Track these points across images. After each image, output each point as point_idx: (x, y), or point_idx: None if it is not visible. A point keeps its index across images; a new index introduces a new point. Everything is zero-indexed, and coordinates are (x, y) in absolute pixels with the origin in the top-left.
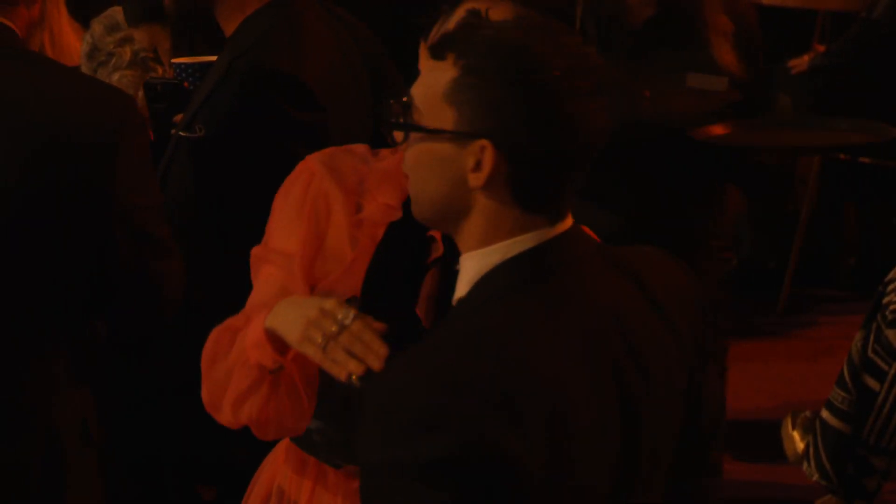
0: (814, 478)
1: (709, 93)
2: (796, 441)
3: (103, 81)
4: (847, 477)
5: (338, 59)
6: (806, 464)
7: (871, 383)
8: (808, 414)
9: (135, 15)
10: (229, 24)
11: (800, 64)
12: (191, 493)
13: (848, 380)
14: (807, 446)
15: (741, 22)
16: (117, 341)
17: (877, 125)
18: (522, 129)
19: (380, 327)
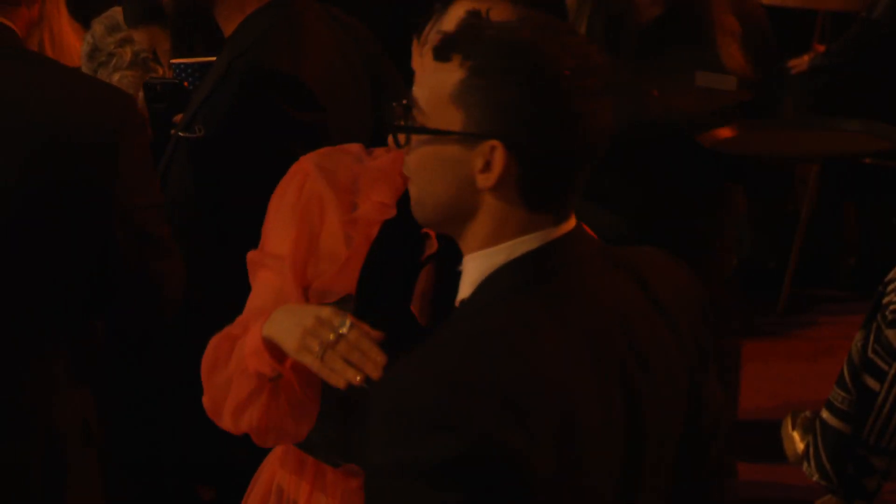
0: (814, 478)
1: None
2: (796, 441)
3: (104, 81)
4: (847, 477)
5: (337, 59)
6: (806, 464)
7: (871, 383)
8: (808, 414)
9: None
10: (229, 24)
11: (800, 64)
12: (190, 494)
13: (848, 380)
14: (807, 446)
15: (749, 22)
16: (117, 341)
17: (885, 127)
18: (533, 128)
19: (377, 335)
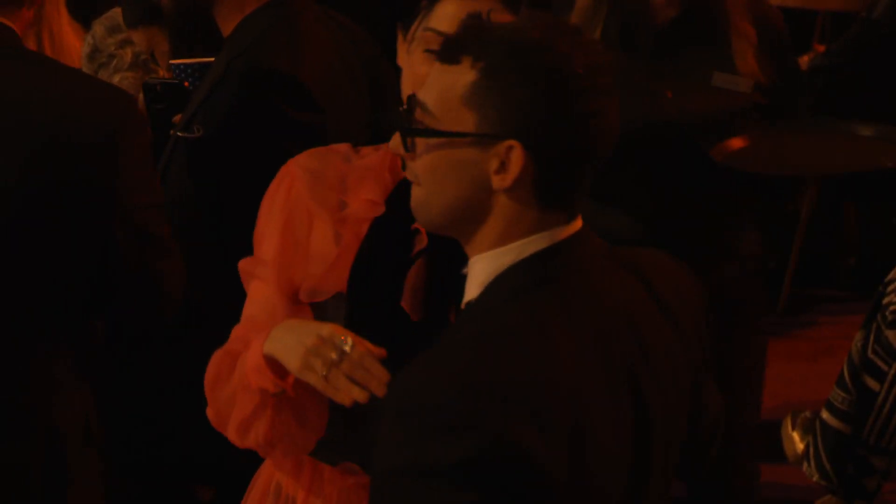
0: (814, 478)
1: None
2: (796, 441)
3: (104, 81)
4: (847, 477)
5: (336, 60)
6: (806, 464)
7: (871, 383)
8: (808, 414)
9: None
10: (228, 24)
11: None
12: (190, 494)
13: (848, 380)
14: (807, 446)
15: (765, 25)
16: (117, 341)
17: None
18: (549, 127)
19: (379, 353)
